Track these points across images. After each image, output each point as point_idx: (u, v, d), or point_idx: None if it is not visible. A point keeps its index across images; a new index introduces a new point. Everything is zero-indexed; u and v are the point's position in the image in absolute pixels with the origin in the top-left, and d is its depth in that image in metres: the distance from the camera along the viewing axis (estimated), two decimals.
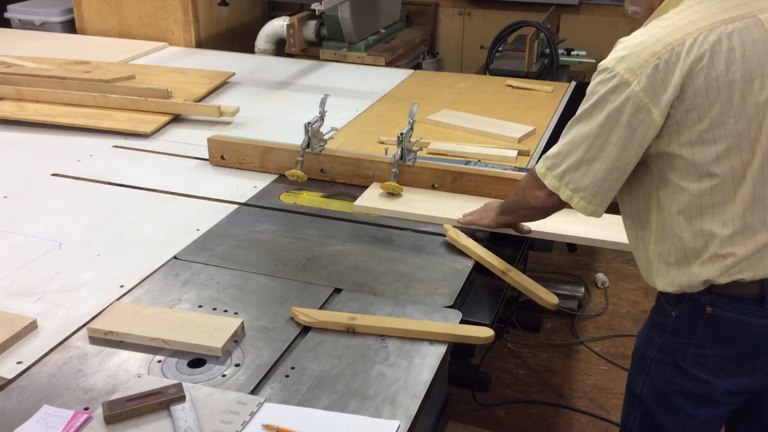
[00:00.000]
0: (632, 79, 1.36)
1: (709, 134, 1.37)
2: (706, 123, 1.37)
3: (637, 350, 1.64)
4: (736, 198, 1.40)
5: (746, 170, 1.39)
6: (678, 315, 1.50)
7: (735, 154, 1.38)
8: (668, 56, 1.36)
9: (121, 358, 1.41)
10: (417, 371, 1.38)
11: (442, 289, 1.65)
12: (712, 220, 1.42)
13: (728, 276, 1.42)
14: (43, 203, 2.07)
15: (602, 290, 3.40)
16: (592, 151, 1.43)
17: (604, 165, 1.43)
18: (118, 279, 1.68)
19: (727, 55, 1.36)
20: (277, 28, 3.94)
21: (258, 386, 1.34)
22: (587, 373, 2.88)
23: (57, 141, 2.53)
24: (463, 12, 4.79)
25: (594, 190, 1.46)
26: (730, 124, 1.37)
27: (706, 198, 1.41)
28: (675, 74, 1.35)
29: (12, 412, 1.26)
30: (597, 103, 1.42)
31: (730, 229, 1.41)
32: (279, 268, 1.73)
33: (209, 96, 2.97)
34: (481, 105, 2.85)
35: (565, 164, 1.48)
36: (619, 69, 1.38)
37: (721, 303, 1.45)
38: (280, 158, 2.22)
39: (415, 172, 2.10)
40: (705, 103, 1.36)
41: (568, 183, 1.49)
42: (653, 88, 1.36)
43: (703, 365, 1.50)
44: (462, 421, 2.61)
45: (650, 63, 1.36)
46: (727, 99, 1.36)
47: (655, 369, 1.57)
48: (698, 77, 1.35)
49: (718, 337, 1.48)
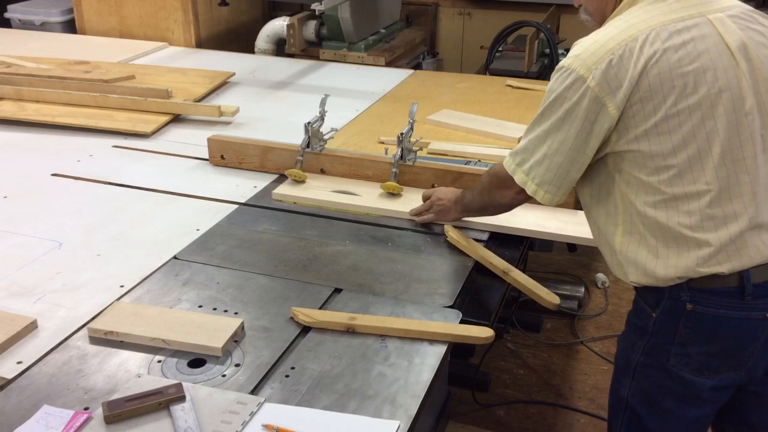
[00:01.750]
0: (587, 75, 1.41)
1: (664, 125, 1.40)
2: (661, 114, 1.40)
3: (620, 355, 1.63)
4: (698, 188, 1.41)
5: (704, 161, 1.41)
6: (658, 315, 1.50)
7: (691, 144, 1.40)
8: (621, 52, 1.40)
9: (121, 358, 1.41)
10: (417, 371, 1.38)
11: (442, 289, 1.65)
12: (676, 211, 1.43)
13: (706, 267, 1.42)
14: (43, 203, 2.07)
15: (602, 290, 3.40)
16: (555, 145, 1.49)
17: (565, 159, 1.49)
18: (118, 279, 1.68)
19: (679, 49, 1.40)
20: (277, 28, 3.94)
21: (258, 386, 1.34)
22: (587, 373, 2.88)
23: (57, 141, 2.53)
24: (463, 12, 4.79)
25: (558, 182, 1.52)
26: (684, 114, 1.40)
27: (666, 189, 1.42)
28: (629, 69, 1.40)
29: (12, 412, 1.26)
30: (555, 99, 1.47)
31: (696, 219, 1.42)
32: (279, 268, 1.73)
33: (209, 96, 2.97)
34: (481, 105, 2.85)
35: (532, 160, 1.54)
36: (574, 66, 1.43)
37: (701, 298, 1.45)
38: (280, 158, 2.22)
39: (415, 172, 2.10)
40: (659, 94, 1.40)
41: (534, 177, 1.54)
42: (607, 83, 1.40)
43: (688, 365, 1.49)
44: (462, 421, 2.61)
45: (604, 59, 1.40)
46: (680, 90, 1.40)
47: (641, 373, 1.57)
48: (652, 70, 1.39)
49: (700, 334, 1.47)
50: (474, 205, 1.81)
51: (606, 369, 2.89)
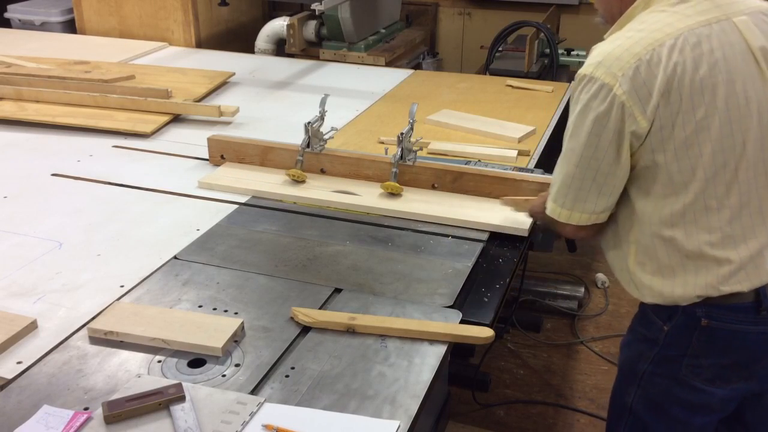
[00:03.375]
0: (613, 83, 1.32)
1: (694, 139, 1.33)
2: (691, 127, 1.32)
3: (625, 363, 1.60)
4: (723, 204, 1.36)
5: (729, 175, 1.35)
6: (671, 329, 1.46)
7: (718, 158, 1.34)
8: (649, 57, 1.31)
9: (121, 358, 1.41)
10: (417, 371, 1.38)
11: (442, 289, 1.65)
12: (696, 227, 1.37)
13: (727, 286, 1.38)
14: (43, 203, 2.07)
15: (602, 290, 3.40)
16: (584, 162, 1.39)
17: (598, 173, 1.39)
18: (118, 279, 1.68)
19: (709, 57, 1.32)
20: (277, 28, 3.94)
21: (258, 386, 1.34)
22: (587, 373, 2.88)
23: (57, 141, 2.53)
24: (463, 12, 4.79)
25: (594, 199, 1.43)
26: (715, 127, 1.33)
27: (693, 206, 1.36)
28: (658, 76, 1.31)
29: (12, 412, 1.26)
30: (581, 111, 1.38)
31: (718, 236, 1.37)
32: (279, 268, 1.73)
33: (209, 96, 2.97)
34: (481, 105, 2.85)
35: (557, 184, 1.46)
36: (598, 74, 1.34)
37: (717, 314, 1.41)
38: (280, 158, 2.22)
39: (415, 172, 2.10)
40: (689, 106, 1.31)
41: (563, 203, 1.46)
42: (636, 92, 1.31)
43: (700, 375, 1.47)
44: (462, 421, 2.61)
45: (631, 64, 1.31)
46: (711, 102, 1.32)
47: (648, 381, 1.54)
48: (683, 79, 1.31)
49: (714, 348, 1.44)
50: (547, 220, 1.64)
51: (606, 369, 2.89)
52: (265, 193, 2.09)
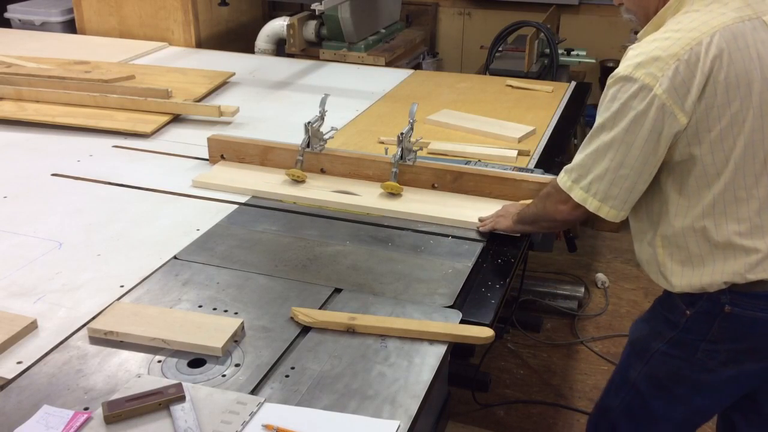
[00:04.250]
0: (653, 83, 1.36)
1: (728, 131, 1.38)
2: (726, 120, 1.37)
3: (638, 340, 1.64)
4: (752, 195, 1.41)
5: (762, 167, 1.40)
6: (693, 314, 1.51)
7: (749, 151, 1.39)
8: (687, 57, 1.35)
9: (121, 358, 1.41)
10: (417, 371, 1.38)
11: (442, 289, 1.65)
12: (725, 218, 1.42)
13: (753, 274, 1.43)
14: (43, 203, 2.07)
15: (602, 290, 3.40)
16: (618, 158, 1.43)
17: (631, 171, 1.43)
18: (118, 279, 1.68)
19: (744, 53, 1.37)
20: (277, 28, 3.94)
21: (258, 386, 1.34)
22: (587, 373, 2.88)
23: (57, 141, 2.53)
24: (463, 12, 4.79)
25: (625, 197, 1.46)
26: (749, 121, 1.38)
27: (723, 196, 1.41)
28: (696, 74, 1.35)
29: (12, 412, 1.26)
30: (620, 110, 1.41)
31: (747, 226, 1.42)
32: (279, 268, 1.73)
33: (209, 96, 2.97)
34: (481, 105, 2.85)
35: (591, 175, 1.48)
36: (638, 75, 1.38)
37: (741, 301, 1.46)
38: (280, 158, 2.22)
39: (415, 172, 2.10)
40: (725, 100, 1.36)
41: (595, 193, 1.48)
42: (675, 90, 1.36)
43: (715, 359, 1.51)
44: (462, 421, 2.61)
45: (670, 65, 1.36)
46: (746, 96, 1.37)
47: (658, 359, 1.58)
48: (719, 75, 1.35)
49: (734, 334, 1.49)
50: (528, 216, 1.75)
51: (606, 369, 2.89)
52: (265, 192, 2.09)
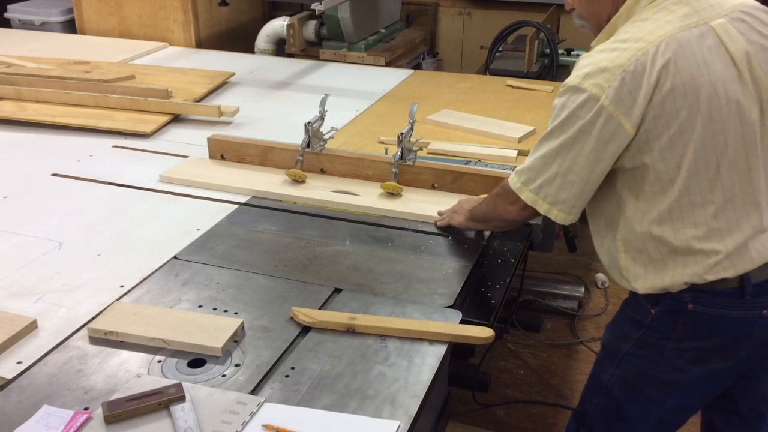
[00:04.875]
0: (600, 94, 1.38)
1: (678, 139, 1.39)
2: (675, 128, 1.38)
3: (609, 342, 1.66)
4: (707, 200, 1.42)
5: (711, 172, 1.41)
6: (657, 313, 1.52)
7: (700, 157, 1.40)
8: (633, 67, 1.37)
9: (121, 358, 1.41)
10: (417, 371, 1.38)
11: (442, 289, 1.65)
12: (682, 223, 1.43)
13: (713, 274, 1.43)
14: (43, 203, 2.07)
15: (602, 290, 3.40)
16: (567, 164, 1.45)
17: (579, 178, 1.45)
18: (118, 279, 1.68)
19: (690, 60, 1.38)
20: (277, 28, 3.94)
21: (258, 386, 1.34)
22: (587, 373, 2.85)
23: (57, 141, 2.53)
24: (463, 12, 4.79)
25: (572, 202, 1.49)
26: (698, 128, 1.38)
27: (678, 202, 1.42)
28: (643, 85, 1.37)
29: (12, 412, 1.26)
30: (567, 119, 1.43)
31: (704, 230, 1.42)
32: (279, 268, 1.73)
33: (209, 96, 2.97)
34: (481, 105, 2.85)
35: (541, 179, 1.50)
36: (586, 85, 1.39)
37: (703, 299, 1.47)
38: (280, 158, 2.22)
39: (415, 172, 2.10)
40: (673, 108, 1.37)
41: (545, 197, 1.50)
42: (621, 101, 1.37)
43: (683, 357, 1.52)
44: (462, 421, 2.61)
45: (617, 76, 1.37)
46: (693, 103, 1.38)
47: (628, 361, 1.59)
48: (665, 84, 1.37)
49: (698, 331, 1.49)
50: (478, 214, 1.78)
51: None
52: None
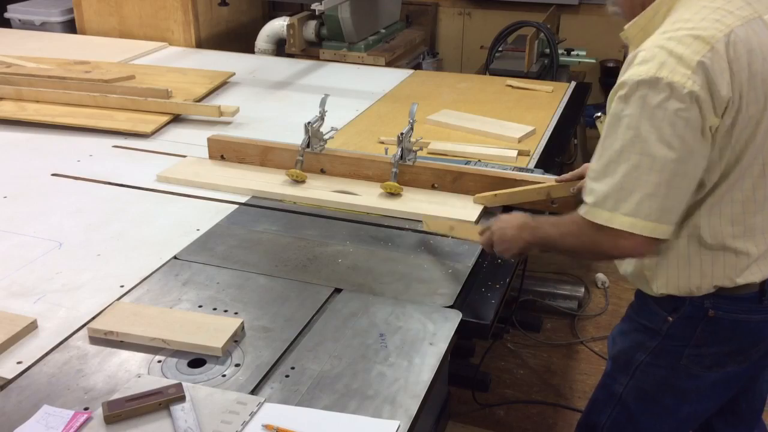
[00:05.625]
0: (685, 81, 1.25)
1: (742, 134, 1.32)
2: (744, 123, 1.32)
3: (620, 354, 1.61)
4: (748, 198, 1.39)
5: (760, 170, 1.38)
6: (675, 320, 1.48)
7: (753, 155, 1.35)
8: (711, 54, 1.27)
9: (121, 358, 1.41)
10: (417, 371, 1.38)
11: (442, 289, 1.65)
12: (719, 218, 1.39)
13: (743, 278, 1.41)
14: (43, 203, 2.07)
15: (602, 290, 3.40)
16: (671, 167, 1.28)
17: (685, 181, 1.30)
18: (118, 279, 1.68)
19: (756, 54, 1.31)
20: (277, 28, 3.94)
21: (258, 386, 1.34)
22: (587, 373, 2.88)
23: (57, 141, 2.53)
24: (463, 12, 4.79)
25: (679, 208, 1.33)
26: (762, 124, 1.33)
27: (722, 197, 1.38)
28: (724, 72, 1.27)
29: (12, 412, 1.26)
30: (653, 116, 1.27)
31: (740, 229, 1.39)
32: (279, 268, 1.73)
33: (209, 96, 2.97)
34: (481, 105, 2.85)
35: (636, 196, 1.29)
36: (664, 74, 1.26)
37: (724, 305, 1.44)
38: (280, 158, 2.22)
39: (415, 172, 2.10)
40: (746, 102, 1.30)
41: (648, 215, 1.30)
42: (708, 87, 1.26)
43: (700, 363, 1.50)
44: (462, 421, 2.61)
45: (695, 61, 1.26)
46: (761, 98, 1.32)
47: (643, 371, 1.56)
48: (741, 75, 1.29)
49: (718, 337, 1.48)
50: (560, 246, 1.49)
51: None
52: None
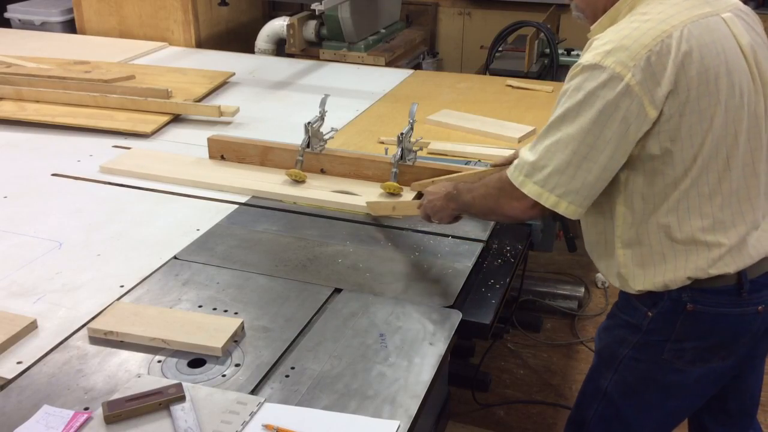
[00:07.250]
0: (625, 73, 1.30)
1: (697, 128, 1.35)
2: (696, 117, 1.35)
3: (604, 348, 1.63)
4: (715, 191, 1.40)
5: (725, 163, 1.39)
6: (655, 315, 1.49)
7: (715, 148, 1.38)
8: (659, 48, 1.31)
9: (121, 358, 1.41)
10: (417, 371, 1.38)
11: (442, 289, 1.65)
12: (688, 214, 1.40)
13: (716, 269, 1.42)
14: (43, 203, 2.07)
15: (602, 290, 3.40)
16: (583, 150, 1.35)
17: (597, 165, 1.35)
18: (118, 279, 1.68)
19: (711, 48, 1.36)
20: (277, 28, 3.94)
21: (258, 386, 1.34)
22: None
23: (57, 141, 2.53)
24: (463, 12, 4.79)
25: (585, 192, 1.38)
26: (717, 117, 1.36)
27: (688, 192, 1.39)
28: (668, 67, 1.31)
29: (12, 412, 1.26)
30: (585, 100, 1.33)
31: (710, 222, 1.41)
32: (279, 268, 1.73)
33: (209, 96, 2.97)
34: (481, 105, 2.85)
35: (548, 168, 1.37)
36: (608, 63, 1.31)
37: (702, 298, 1.45)
38: (280, 158, 2.22)
39: (415, 172, 2.10)
40: (696, 96, 1.34)
41: (553, 188, 1.38)
42: (646, 81, 1.31)
43: (682, 358, 1.51)
44: (462, 421, 2.61)
45: (642, 55, 1.31)
46: (713, 92, 1.35)
47: (626, 365, 1.57)
48: (690, 70, 1.33)
49: (698, 331, 1.48)
50: (474, 209, 1.61)
51: None
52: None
